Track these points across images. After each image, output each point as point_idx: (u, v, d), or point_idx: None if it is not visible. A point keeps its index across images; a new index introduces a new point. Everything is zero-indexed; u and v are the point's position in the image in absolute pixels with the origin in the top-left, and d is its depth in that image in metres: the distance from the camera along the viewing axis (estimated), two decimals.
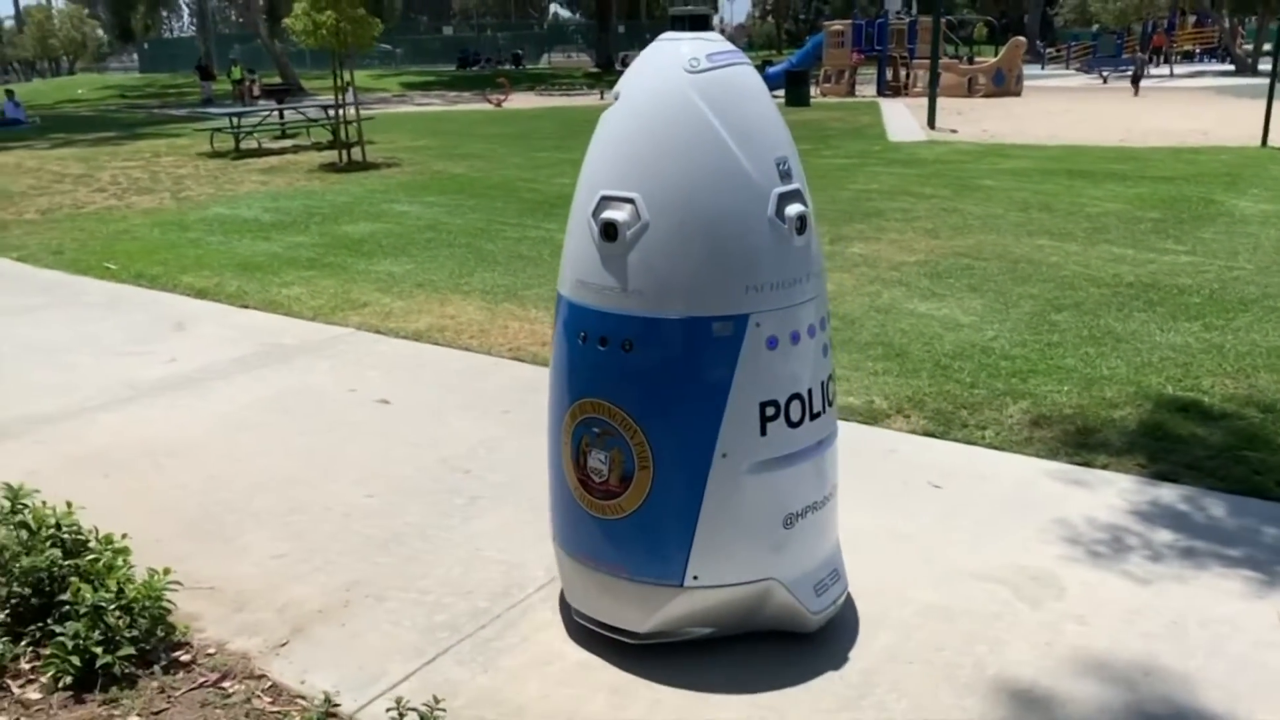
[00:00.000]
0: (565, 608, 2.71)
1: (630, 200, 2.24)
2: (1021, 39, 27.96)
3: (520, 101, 28.05)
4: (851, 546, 2.98)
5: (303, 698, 2.39)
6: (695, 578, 2.37)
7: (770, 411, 2.31)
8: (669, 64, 2.28)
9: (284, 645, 2.60)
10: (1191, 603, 2.70)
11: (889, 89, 27.05)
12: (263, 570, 2.96)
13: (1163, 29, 40.84)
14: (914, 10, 30.34)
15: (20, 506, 2.61)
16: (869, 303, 5.63)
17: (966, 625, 2.61)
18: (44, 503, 2.71)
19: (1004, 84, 25.68)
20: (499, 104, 27.04)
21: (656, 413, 2.30)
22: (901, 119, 18.37)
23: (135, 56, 65.76)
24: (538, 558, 2.96)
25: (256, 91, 28.27)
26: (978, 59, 30.09)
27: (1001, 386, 4.30)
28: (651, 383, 2.29)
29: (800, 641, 2.52)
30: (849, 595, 2.67)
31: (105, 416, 4.22)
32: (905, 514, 3.21)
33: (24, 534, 2.59)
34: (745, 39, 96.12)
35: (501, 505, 3.33)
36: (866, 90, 27.47)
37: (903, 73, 27.73)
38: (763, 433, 2.31)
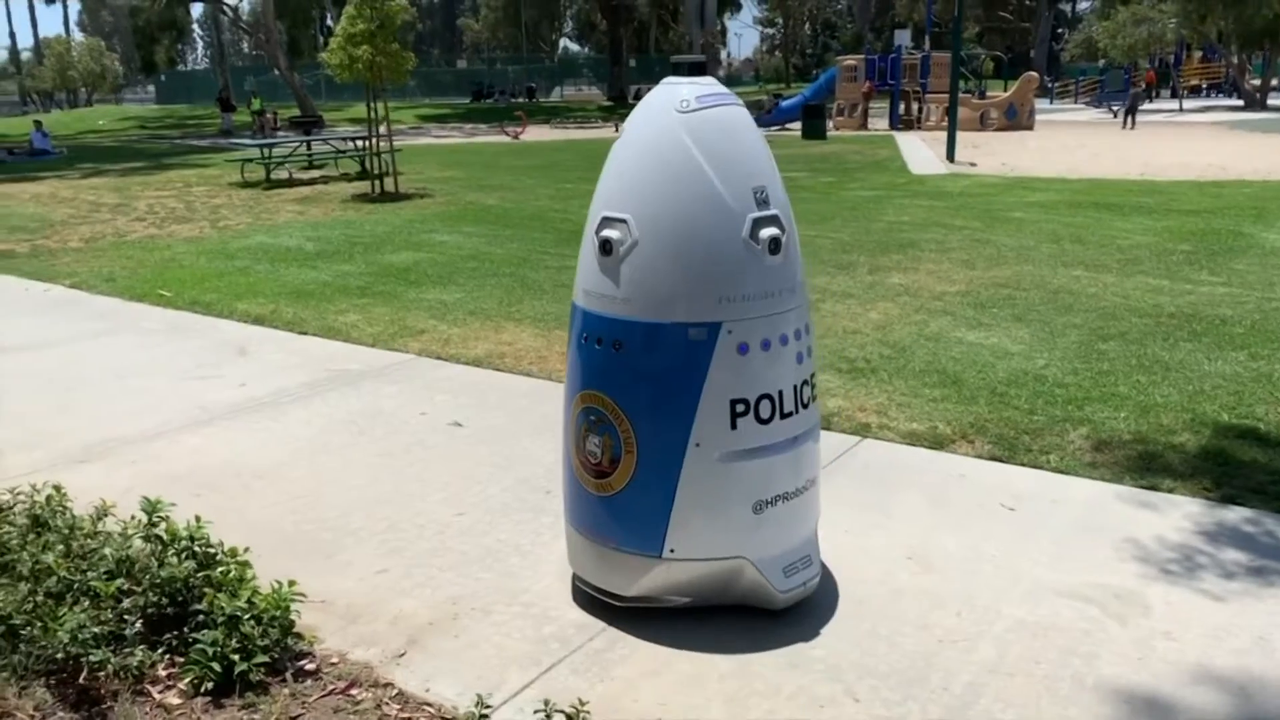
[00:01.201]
0: (667, 619, 2.81)
1: (624, 220, 2.58)
2: (1034, 74, 28.29)
3: (537, 134, 28.39)
4: (941, 565, 3.10)
5: (429, 705, 2.49)
6: (672, 550, 2.71)
7: (740, 408, 2.62)
8: (665, 104, 2.63)
9: (402, 655, 2.69)
10: (1273, 619, 2.79)
11: (902, 122, 27.35)
12: (369, 585, 3.07)
13: (1152, 67, 41.30)
14: (926, 45, 30.70)
15: (157, 520, 2.73)
16: (917, 331, 5.75)
17: (1059, 640, 2.70)
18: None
19: (1016, 118, 25.96)
20: (517, 136, 27.37)
21: (639, 404, 2.65)
22: (920, 152, 18.59)
23: (151, 88, 66.64)
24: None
25: (276, 123, 28.68)
26: (989, 94, 30.42)
27: (1059, 413, 4.40)
28: (635, 378, 2.64)
29: (909, 653, 2.62)
30: (958, 613, 2.76)
31: (187, 438, 4.35)
32: (985, 535, 3.30)
33: (158, 546, 2.71)
34: (752, 72, 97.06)
35: None
36: (878, 124, 27.77)
37: (915, 106, 28.06)
38: (733, 426, 2.63)
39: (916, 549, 3.21)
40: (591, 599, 2.89)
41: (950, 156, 16.79)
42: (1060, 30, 65.97)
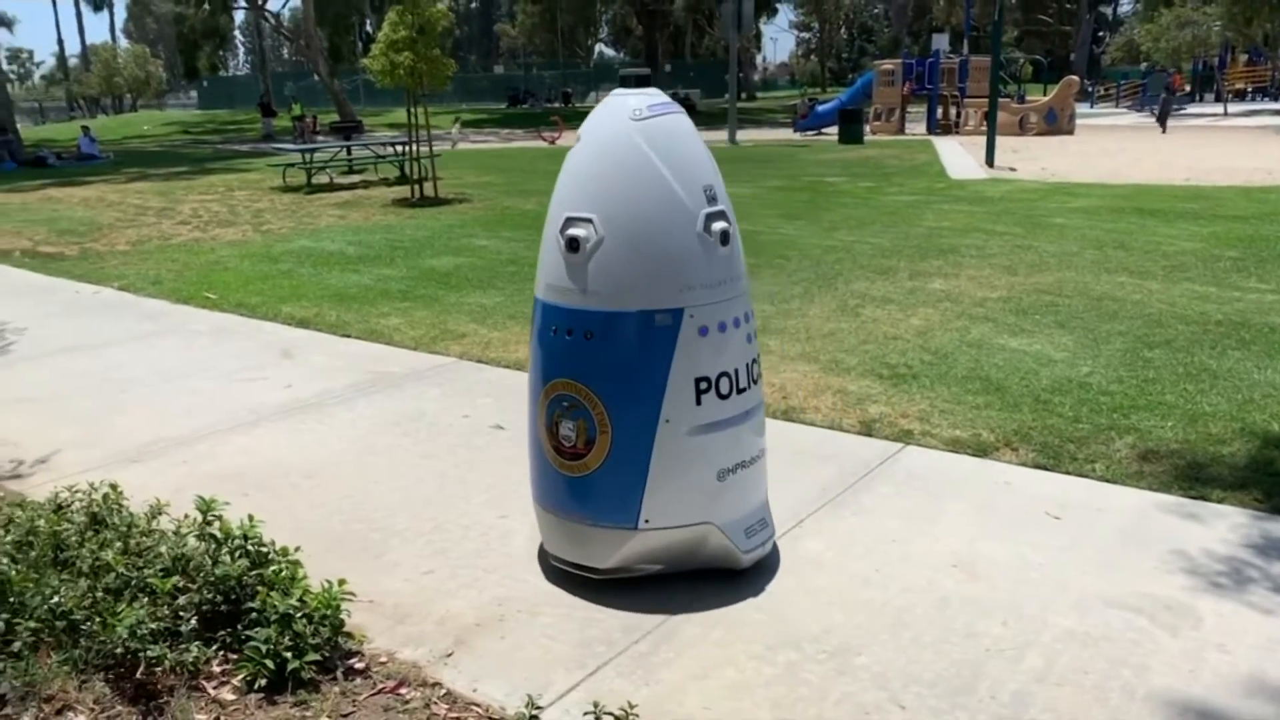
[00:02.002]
0: (713, 623, 2.82)
1: (589, 220, 2.79)
2: (1074, 78, 27.96)
3: (573, 140, 28.48)
4: (986, 573, 3.08)
5: (477, 705, 2.52)
6: (647, 521, 2.91)
7: (703, 386, 2.87)
8: (619, 113, 2.86)
9: (450, 655, 2.73)
10: None
11: (939, 127, 27.15)
12: (416, 585, 3.11)
13: (1178, 70, 40.66)
14: (965, 49, 30.45)
15: (211, 519, 2.78)
16: (959, 338, 5.71)
17: (1109, 650, 2.67)
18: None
19: (1056, 122, 25.68)
20: (553, 141, 27.51)
21: (612, 388, 2.85)
22: (959, 157, 18.45)
23: (194, 94, 67.75)
24: (677, 578, 3.08)
25: (316, 127, 29.04)
26: (1028, 98, 30.11)
27: (1104, 421, 4.36)
28: (608, 364, 2.85)
29: (955, 662, 2.61)
30: (1004, 622, 2.75)
31: (236, 439, 4.42)
32: (1031, 543, 3.28)
33: (212, 545, 2.76)
34: (788, 77, 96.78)
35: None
36: (915, 128, 27.59)
37: (953, 111, 27.84)
38: (698, 403, 2.86)
39: (961, 557, 3.19)
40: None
41: (989, 161, 16.65)
42: (1101, 33, 65.17)
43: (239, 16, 60.41)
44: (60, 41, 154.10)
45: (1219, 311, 6.22)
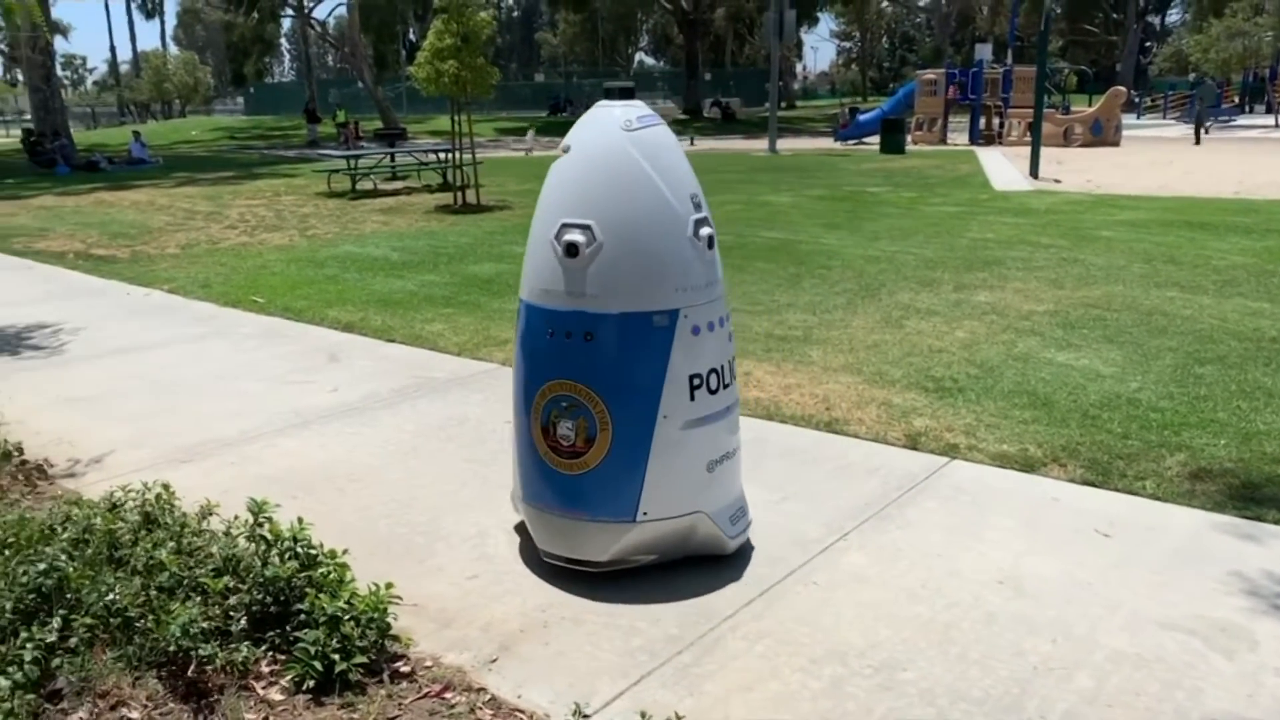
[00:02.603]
0: (757, 636, 2.81)
1: (587, 226, 2.90)
2: (1121, 88, 27.58)
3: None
4: (1034, 591, 3.04)
5: (521, 711, 2.52)
6: (645, 513, 3.03)
7: (696, 382, 3.02)
8: (608, 124, 3.00)
9: (494, 661, 2.74)
10: None
11: (982, 137, 26.90)
12: (461, 590, 3.12)
13: (1227, 82, 39.93)
14: (1009, 59, 30.14)
15: (262, 520, 2.82)
16: (1005, 351, 5.65)
17: (1161, 673, 2.63)
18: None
19: (1102, 134, 25.32)
20: None
21: (613, 386, 2.96)
22: (1002, 168, 18.26)
23: (240, 100, 68.88)
24: (719, 589, 3.07)
25: (359, 134, 29.38)
26: (1073, 108, 29.74)
27: (1155, 438, 4.28)
28: (609, 363, 2.95)
29: (1003, 680, 2.58)
30: (1053, 640, 2.72)
31: (284, 441, 4.48)
32: (1079, 561, 3.23)
33: (262, 546, 2.80)
34: (828, 86, 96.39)
35: None
36: (957, 139, 27.35)
37: (996, 121, 27.57)
38: (691, 398, 3.01)
39: (1009, 573, 3.15)
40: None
41: (1034, 173, 16.46)
42: (1148, 44, 64.20)
43: (285, 24, 61.42)
44: (112, 48, 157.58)
45: (1273, 328, 6.10)
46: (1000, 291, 7.29)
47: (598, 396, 2.96)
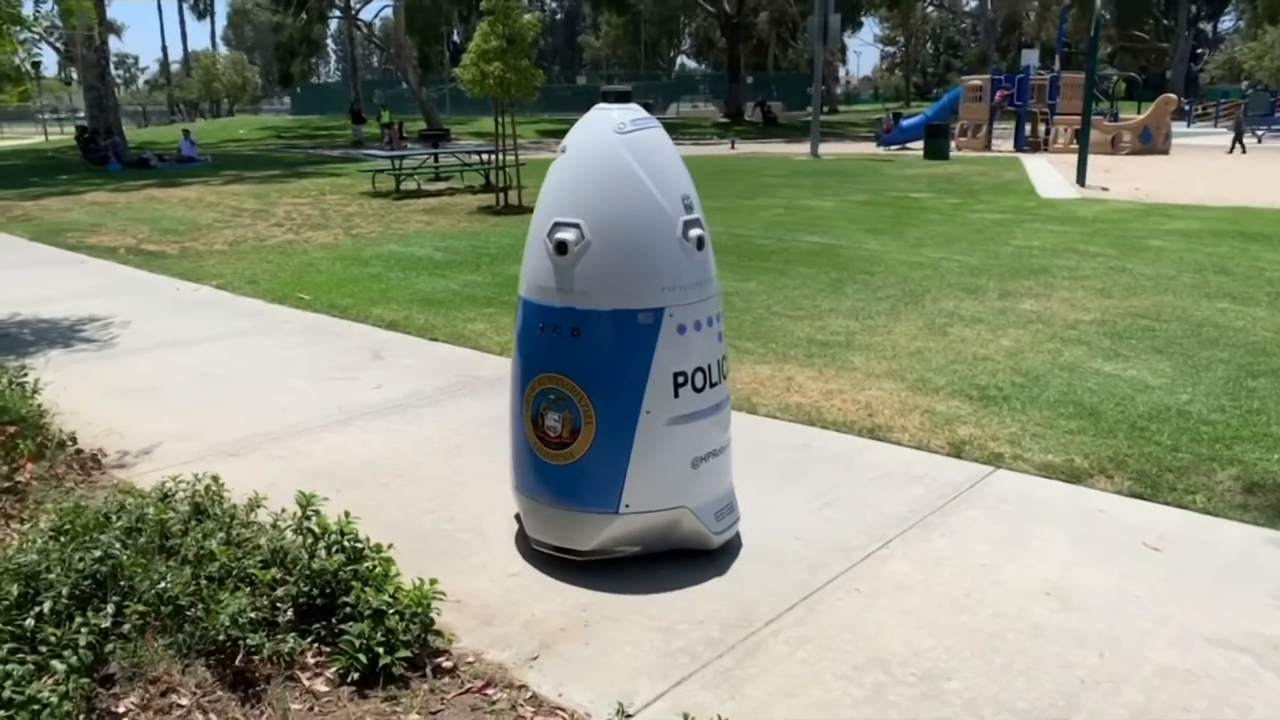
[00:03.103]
0: (799, 641, 2.80)
1: (576, 225, 2.97)
2: (1171, 96, 27.11)
3: None
4: (1081, 603, 3.00)
5: (562, 709, 2.53)
6: (627, 505, 3.09)
7: (680, 379, 3.06)
8: (603, 127, 3.07)
9: (535, 659, 2.75)
10: None
11: (1028, 144, 26.58)
12: (503, 587, 3.14)
13: None
14: (1056, 65, 29.73)
15: (310, 514, 2.86)
16: (1051, 360, 5.58)
17: (1210, 689, 2.58)
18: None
19: (1151, 142, 24.92)
20: None
21: (598, 381, 3.04)
22: (1048, 175, 18.03)
23: (287, 99, 69.84)
24: (761, 594, 3.07)
25: (403, 134, 29.66)
26: (1121, 116, 29.29)
27: (1205, 451, 4.21)
28: (594, 359, 3.03)
29: (1048, 692, 2.54)
30: (1100, 654, 2.67)
31: (328, 436, 4.53)
32: (1127, 574, 3.18)
33: (309, 539, 2.84)
34: (871, 91, 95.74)
35: None
36: (1002, 145, 27.04)
37: (1042, 128, 27.22)
38: (675, 395, 3.06)
39: (1055, 585, 3.11)
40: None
41: (1081, 180, 16.24)
42: (1200, 50, 63.09)
43: (332, 25, 62.15)
44: (164, 48, 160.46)
45: None
46: (1046, 300, 7.20)
47: (582, 390, 3.04)
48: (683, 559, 3.29)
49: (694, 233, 3.05)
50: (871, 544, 3.38)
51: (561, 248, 2.99)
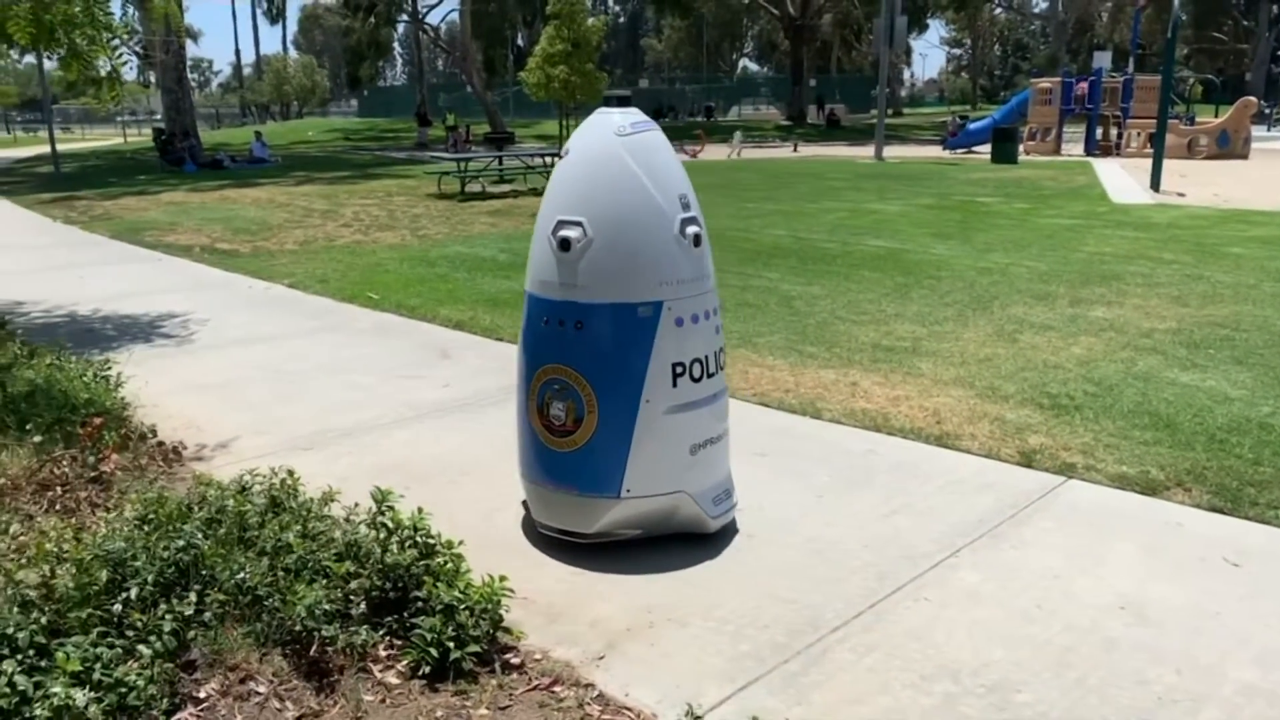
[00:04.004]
0: (866, 649, 2.78)
1: (579, 223, 3.12)
2: (1252, 99, 26.27)
3: (715, 153, 28.55)
4: (1157, 618, 2.94)
5: (629, 709, 2.55)
6: (629, 490, 3.23)
7: (679, 370, 3.21)
8: (605, 129, 3.22)
9: (601, 658, 2.77)
10: None
11: (1099, 148, 25.97)
12: (567, 586, 3.17)
13: None
14: (1130, 67, 29.02)
15: (385, 509, 2.92)
16: (1124, 369, 5.45)
17: None
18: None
19: (1229, 146, 24.16)
20: (695, 155, 27.63)
21: (600, 371, 3.18)
22: (1120, 180, 17.61)
23: (354, 102, 71.18)
24: (827, 601, 3.05)
25: (468, 137, 30.02)
26: (1198, 119, 28.48)
27: None
28: (596, 350, 3.18)
29: (1122, 709, 2.49)
30: (1178, 671, 2.61)
31: (398, 433, 4.61)
32: (1206, 590, 3.10)
33: (382, 533, 2.89)
34: (936, 94, 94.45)
35: (778, 546, 3.42)
36: (1072, 149, 26.47)
37: (1114, 132, 26.58)
38: (674, 385, 3.20)
39: (1130, 599, 3.04)
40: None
41: (1155, 185, 15.82)
42: None
43: (399, 29, 63.16)
44: (237, 52, 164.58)
45: None
46: (1119, 308, 7.04)
47: (585, 380, 3.18)
48: (748, 563, 3.29)
49: (691, 230, 3.19)
50: (940, 553, 3.34)
51: (565, 245, 3.13)
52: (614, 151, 3.16)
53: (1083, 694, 2.58)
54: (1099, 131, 26.45)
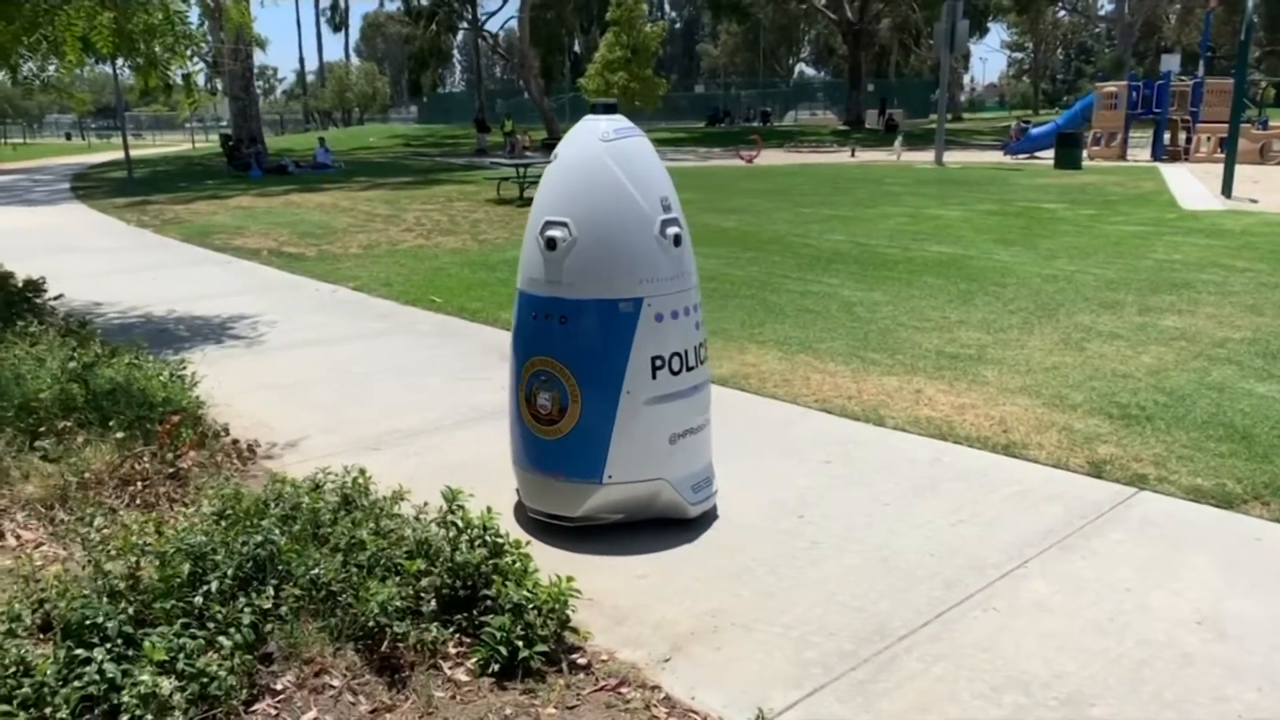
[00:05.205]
0: (934, 658, 2.76)
1: (565, 223, 3.31)
2: None
3: (770, 158, 28.45)
4: (1236, 634, 2.87)
5: (695, 712, 2.56)
6: (610, 476, 3.41)
7: (658, 363, 3.38)
8: (590, 135, 3.40)
9: (667, 661, 2.78)
10: None
11: (1167, 154, 25.36)
12: (632, 589, 3.19)
13: None
14: (1199, 71, 28.30)
15: (456, 508, 2.96)
16: (1198, 379, 5.32)
17: None
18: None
19: None
20: (750, 160, 27.56)
21: (583, 363, 3.37)
22: (1189, 186, 17.18)
23: (413, 108, 72.20)
24: (894, 609, 3.03)
25: (526, 143, 30.26)
26: (1271, 124, 27.66)
27: None
28: (579, 343, 3.36)
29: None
30: (1259, 688, 2.55)
31: (461, 434, 4.68)
32: None
33: (452, 532, 2.94)
34: (997, 98, 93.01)
35: (843, 554, 3.41)
36: (1138, 154, 25.88)
37: (1182, 137, 25.94)
38: (653, 377, 3.38)
39: (1206, 614, 2.98)
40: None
41: (1227, 191, 15.40)
42: None
43: (458, 36, 63.95)
44: (301, 59, 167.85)
45: None
46: (1191, 316, 6.87)
47: (569, 371, 3.37)
48: (813, 571, 3.28)
49: (671, 231, 3.35)
50: (1008, 563, 3.30)
51: (551, 244, 3.32)
52: (598, 156, 3.33)
53: (1159, 709, 2.53)
54: (1167, 136, 25.84)
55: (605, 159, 3.33)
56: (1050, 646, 2.81)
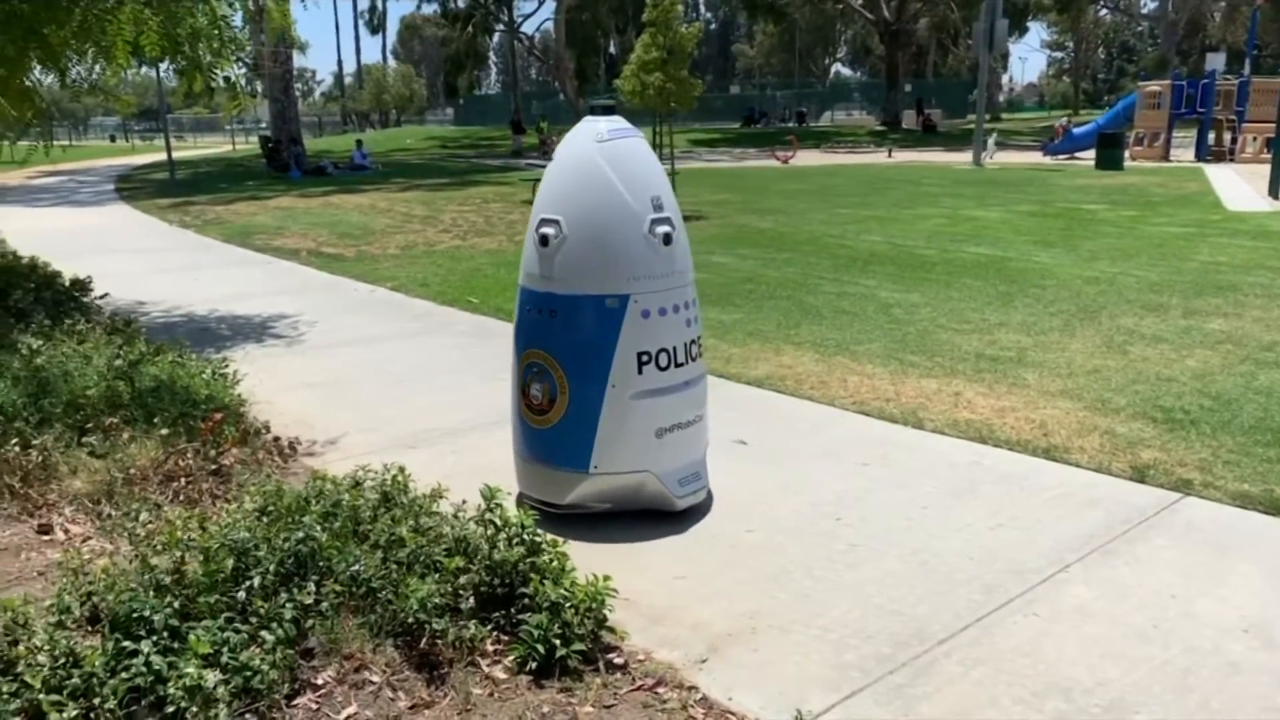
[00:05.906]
0: (973, 662, 2.73)
1: (557, 221, 3.42)
2: None
3: (807, 159, 28.33)
4: None
5: (731, 713, 2.55)
6: (596, 467, 3.52)
7: (645, 358, 3.45)
8: (586, 136, 3.50)
9: (704, 662, 2.78)
10: None
11: (1211, 154, 24.93)
12: (668, 589, 3.19)
13: None
14: (1246, 70, 27.81)
15: (494, 506, 2.98)
16: (1244, 384, 5.23)
17: None
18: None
19: None
20: (786, 160, 27.46)
21: (570, 357, 3.47)
22: (1235, 186, 16.88)
23: (449, 110, 72.76)
24: (933, 613, 3.00)
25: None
26: None
27: None
28: (567, 337, 3.46)
29: None
30: None
31: (498, 433, 4.68)
32: None
33: (490, 530, 2.96)
34: (1036, 98, 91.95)
35: (881, 557, 3.39)
36: (1181, 155, 25.46)
37: (1227, 137, 25.48)
38: (639, 372, 3.45)
39: (1254, 622, 2.92)
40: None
41: (1274, 193, 15.12)
42: None
43: (494, 39, 64.35)
44: (339, 62, 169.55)
45: None
46: (1237, 319, 6.75)
47: (558, 364, 3.48)
48: (851, 574, 3.27)
49: (661, 229, 3.42)
50: (1049, 567, 3.26)
51: (544, 241, 3.44)
52: (591, 156, 3.43)
53: (1206, 717, 2.49)
54: (1211, 136, 25.40)
55: (598, 159, 3.41)
56: (1093, 653, 2.78)
